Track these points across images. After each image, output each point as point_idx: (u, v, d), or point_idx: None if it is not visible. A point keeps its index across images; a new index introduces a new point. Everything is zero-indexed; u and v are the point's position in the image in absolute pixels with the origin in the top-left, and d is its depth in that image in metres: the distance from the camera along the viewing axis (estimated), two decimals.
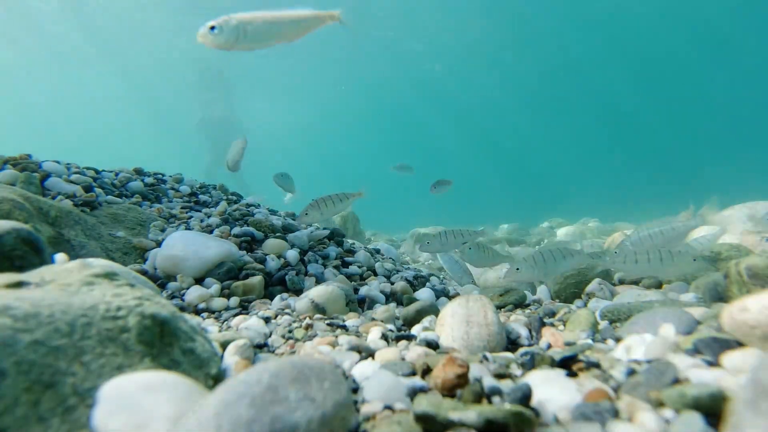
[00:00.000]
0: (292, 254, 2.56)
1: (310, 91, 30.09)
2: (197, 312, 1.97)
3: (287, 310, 1.96)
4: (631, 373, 1.04)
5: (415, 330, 1.74)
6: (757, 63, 29.25)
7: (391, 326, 1.78)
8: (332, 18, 2.34)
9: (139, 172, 3.69)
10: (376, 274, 2.79)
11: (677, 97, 35.37)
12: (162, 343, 0.95)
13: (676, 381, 0.93)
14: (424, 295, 2.50)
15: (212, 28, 2.07)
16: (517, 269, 2.07)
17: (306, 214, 2.48)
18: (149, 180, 3.58)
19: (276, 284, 2.34)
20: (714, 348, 1.09)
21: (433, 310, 1.92)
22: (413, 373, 1.12)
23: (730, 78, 31.89)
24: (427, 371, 1.11)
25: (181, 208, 3.19)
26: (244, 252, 2.50)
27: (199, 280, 2.18)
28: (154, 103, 30.61)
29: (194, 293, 2.01)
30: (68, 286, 0.99)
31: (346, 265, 2.80)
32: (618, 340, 1.39)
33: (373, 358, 1.31)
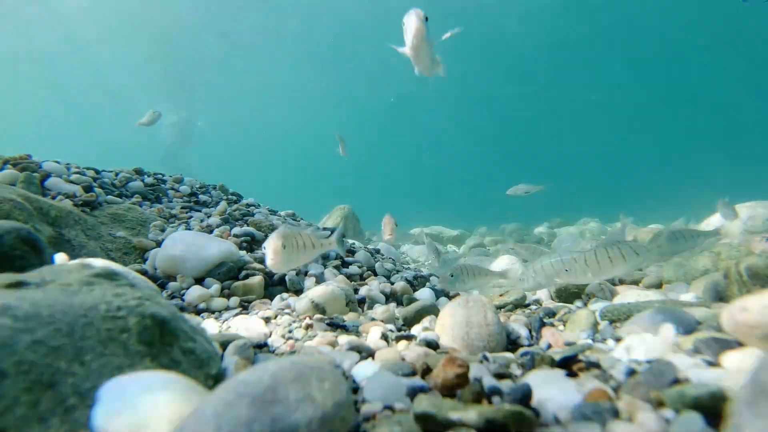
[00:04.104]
0: None
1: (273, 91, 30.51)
2: (197, 312, 1.97)
3: (287, 310, 1.96)
4: (631, 373, 1.04)
5: (415, 330, 1.74)
6: (758, 60, 29.25)
7: (391, 326, 1.78)
8: None
9: (139, 172, 3.69)
10: (376, 274, 2.79)
11: (678, 95, 35.37)
12: (162, 343, 0.95)
13: (676, 381, 0.93)
14: (424, 295, 2.50)
15: None
16: (451, 275, 2.27)
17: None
18: (149, 180, 3.58)
19: (276, 284, 2.34)
20: (714, 348, 1.09)
21: (433, 310, 1.93)
22: (413, 373, 1.12)
23: (732, 77, 31.87)
24: (427, 371, 1.11)
25: (181, 208, 3.19)
26: (244, 252, 2.50)
27: (199, 280, 2.18)
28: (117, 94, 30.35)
29: (194, 293, 2.01)
30: (68, 286, 0.99)
31: (346, 265, 2.80)
32: (618, 340, 1.39)
33: (373, 358, 1.31)
